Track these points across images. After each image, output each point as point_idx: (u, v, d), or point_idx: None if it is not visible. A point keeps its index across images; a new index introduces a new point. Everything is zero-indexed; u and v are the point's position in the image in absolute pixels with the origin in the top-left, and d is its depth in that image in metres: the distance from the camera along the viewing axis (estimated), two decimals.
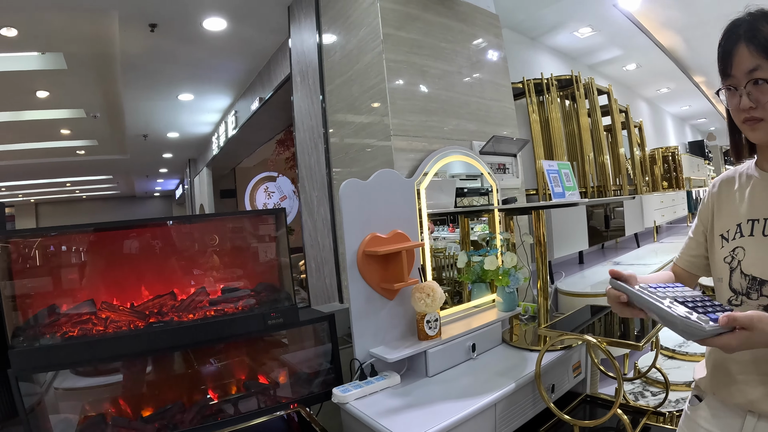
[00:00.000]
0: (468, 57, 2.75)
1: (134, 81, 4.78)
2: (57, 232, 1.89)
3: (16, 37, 3.70)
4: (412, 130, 2.30)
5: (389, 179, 2.04)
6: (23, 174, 9.55)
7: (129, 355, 1.85)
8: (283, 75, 3.77)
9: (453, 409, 1.69)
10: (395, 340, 2.05)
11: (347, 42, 2.53)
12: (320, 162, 2.70)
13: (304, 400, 1.96)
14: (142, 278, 1.98)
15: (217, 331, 1.84)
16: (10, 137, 6.89)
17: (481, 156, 2.56)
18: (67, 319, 1.82)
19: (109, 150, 8.26)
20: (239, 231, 2.08)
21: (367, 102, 2.35)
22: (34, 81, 4.77)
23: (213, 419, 1.86)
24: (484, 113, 2.73)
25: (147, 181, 13.32)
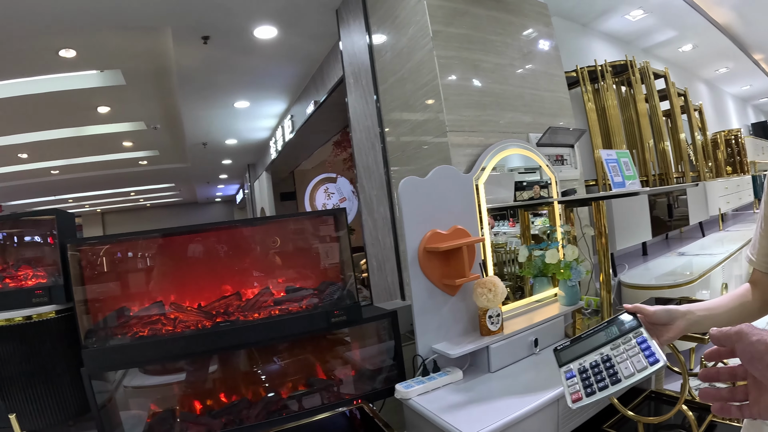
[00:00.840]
0: (519, 48, 2.70)
1: (191, 92, 4.93)
2: (127, 238, 2.00)
3: (74, 57, 3.92)
4: (467, 125, 2.29)
5: (447, 175, 2.04)
6: (89, 185, 10.11)
7: (197, 354, 1.92)
8: (336, 77, 3.80)
9: (515, 405, 1.68)
10: (457, 335, 2.05)
11: (397, 41, 2.54)
12: (378, 161, 2.73)
13: (367, 397, 1.98)
14: (209, 280, 2.06)
15: (282, 330, 1.89)
16: (75, 151, 7.29)
17: (538, 148, 2.52)
18: (137, 320, 1.92)
19: (170, 159, 8.58)
20: (302, 232, 2.13)
21: (421, 99, 2.35)
22: (95, 97, 5.02)
23: (278, 415, 1.91)
24: (539, 104, 2.68)
25: (208, 188, 13.72)
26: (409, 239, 1.92)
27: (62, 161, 7.80)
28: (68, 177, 8.87)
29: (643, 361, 0.83)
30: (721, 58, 6.04)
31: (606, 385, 0.84)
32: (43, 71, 4.24)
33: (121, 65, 4.25)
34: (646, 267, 3.52)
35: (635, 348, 0.86)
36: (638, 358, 0.84)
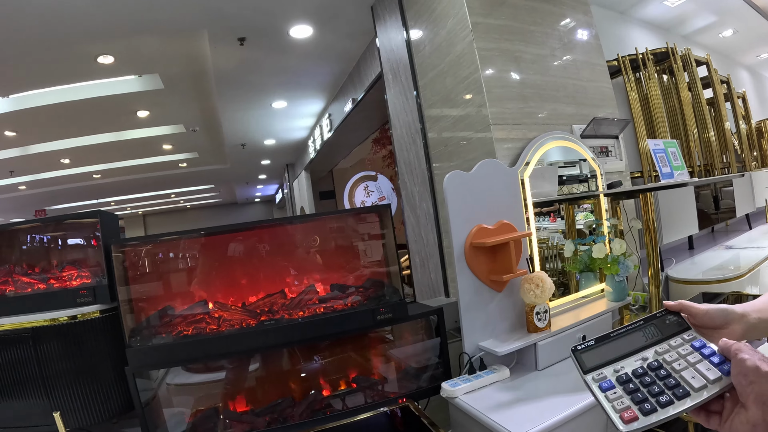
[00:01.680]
0: (559, 38, 2.64)
1: (229, 93, 4.97)
2: (170, 238, 2.02)
3: (112, 63, 4.01)
4: (510, 118, 2.24)
5: (492, 169, 2.00)
6: (130, 188, 10.35)
7: (241, 352, 1.92)
8: (374, 74, 3.79)
9: (564, 404, 1.63)
10: (504, 332, 2.01)
11: (435, 35, 2.50)
12: (419, 157, 2.70)
13: (411, 395, 1.96)
14: (253, 278, 2.06)
15: (327, 328, 1.88)
16: (116, 155, 7.48)
17: (582, 140, 2.45)
18: (181, 319, 1.94)
19: (209, 161, 8.75)
20: (346, 229, 2.12)
21: (463, 93, 2.31)
22: (134, 102, 5.13)
23: (322, 413, 1.90)
24: (582, 95, 2.60)
25: (247, 188, 13.91)
26: (455, 235, 1.89)
27: (104, 165, 8.02)
28: (110, 180, 9.13)
29: (713, 369, 0.65)
30: (762, 43, 5.78)
31: (670, 400, 0.64)
32: (82, 78, 4.35)
33: (159, 69, 4.32)
34: (693, 261, 3.40)
35: (694, 354, 0.68)
36: (705, 365, 0.66)
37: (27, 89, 4.53)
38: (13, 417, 1.88)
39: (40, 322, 1.89)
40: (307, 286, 1.99)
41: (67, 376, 1.88)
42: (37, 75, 4.04)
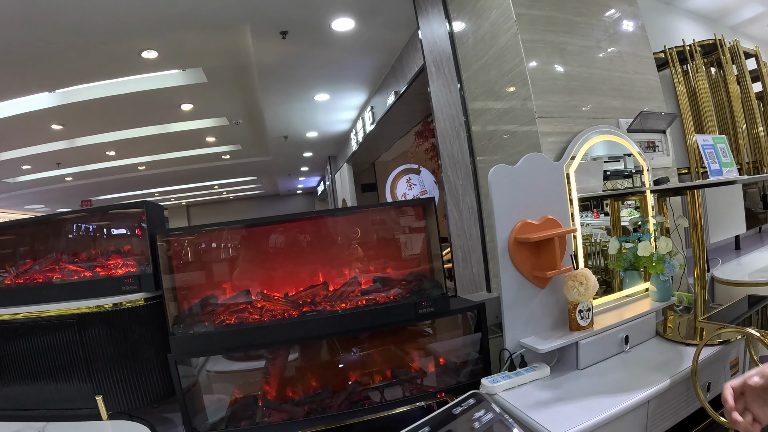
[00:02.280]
0: (605, 29, 2.56)
1: (271, 86, 5.03)
2: (215, 229, 2.05)
3: (156, 58, 4.10)
4: (556, 112, 2.19)
5: (538, 164, 1.96)
6: (174, 180, 10.61)
7: (283, 343, 1.93)
8: (416, 67, 3.76)
9: (604, 405, 1.60)
10: (546, 330, 1.98)
11: (479, 27, 2.46)
12: (463, 150, 2.66)
13: (450, 390, 1.95)
14: (296, 270, 2.07)
15: (369, 321, 1.88)
16: (160, 148, 7.68)
17: (628, 134, 2.38)
18: (224, 308, 1.96)
19: (252, 153, 8.89)
20: (390, 222, 2.11)
21: (507, 86, 2.27)
22: (178, 96, 5.24)
23: (360, 405, 1.90)
24: (628, 88, 2.53)
25: (289, 180, 14.11)
26: (499, 229, 1.86)
27: (148, 157, 8.22)
28: (154, 172, 9.37)
29: None
30: None
31: None
32: (127, 73, 4.47)
33: (202, 63, 4.40)
34: (740, 262, 3.27)
35: None
36: None
37: (73, 84, 4.67)
38: (58, 399, 1.94)
39: (86, 308, 1.94)
40: (349, 278, 1.99)
41: (111, 362, 1.92)
42: (84, 70, 4.17)
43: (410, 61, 4.05)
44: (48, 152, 6.96)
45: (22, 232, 2.35)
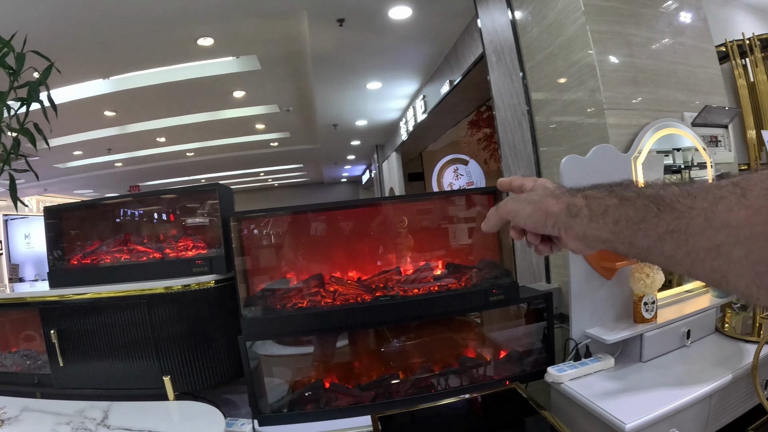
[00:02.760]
0: (668, 21, 2.52)
1: (324, 74, 5.05)
2: (288, 212, 2.07)
3: (212, 45, 4.15)
4: (623, 104, 2.17)
5: (607, 155, 1.96)
6: (221, 166, 10.72)
7: (355, 327, 1.94)
8: (473, 56, 3.75)
9: (670, 397, 1.61)
10: (610, 321, 1.99)
11: (544, 16, 2.44)
12: (525, 140, 2.65)
13: (514, 378, 1.96)
14: (366, 254, 2.10)
15: (440, 307, 1.88)
16: (209, 134, 7.77)
17: (692, 128, 2.35)
18: (296, 292, 1.97)
19: (300, 140, 8.95)
20: (460, 209, 2.12)
21: (575, 76, 2.26)
22: (231, 83, 5.31)
23: (426, 391, 1.92)
24: (692, 81, 2.49)
25: (335, 168, 14.18)
26: None
27: (197, 144, 8.36)
28: (202, 158, 9.49)
29: None
30: None
31: None
32: (182, 60, 4.53)
33: (257, 51, 4.45)
34: None
35: None
36: None
37: (127, 71, 4.76)
38: (123, 378, 1.96)
39: (155, 289, 1.95)
40: (422, 264, 2.01)
41: (179, 342, 1.93)
42: (139, 57, 4.24)
43: (466, 50, 4.03)
44: (100, 138, 7.11)
45: (88, 214, 2.38)
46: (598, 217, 0.57)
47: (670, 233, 0.47)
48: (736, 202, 0.42)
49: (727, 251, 0.42)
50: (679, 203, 0.47)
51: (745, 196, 0.42)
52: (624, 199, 0.54)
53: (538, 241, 0.71)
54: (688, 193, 0.47)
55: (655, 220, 0.49)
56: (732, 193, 0.43)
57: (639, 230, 0.51)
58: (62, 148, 7.20)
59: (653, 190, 0.51)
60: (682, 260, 0.47)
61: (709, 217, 0.44)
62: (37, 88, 2.34)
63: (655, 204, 0.50)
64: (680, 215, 0.47)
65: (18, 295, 2.17)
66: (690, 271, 0.47)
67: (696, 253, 0.45)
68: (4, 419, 1.59)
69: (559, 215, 0.62)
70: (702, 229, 0.44)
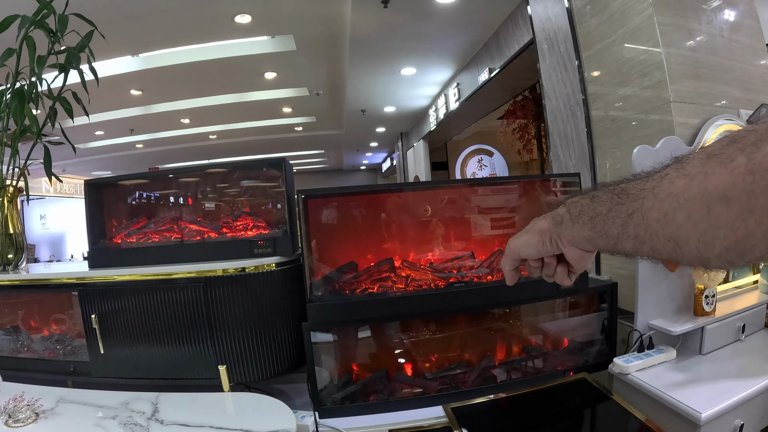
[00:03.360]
0: (725, 18, 2.52)
1: (360, 57, 4.94)
2: (357, 192, 2.03)
3: (249, 23, 4.04)
4: (687, 98, 2.17)
5: (675, 147, 1.95)
6: (242, 150, 10.48)
7: (429, 314, 1.85)
8: (518, 44, 3.70)
9: (733, 389, 1.63)
10: (671, 314, 2.00)
11: (606, 5, 2.43)
12: (579, 130, 2.64)
13: (578, 369, 1.94)
14: (436, 239, 2.03)
15: (514, 294, 1.83)
16: (234, 117, 7.63)
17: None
18: (366, 276, 1.87)
19: (325, 126, 8.85)
20: (533, 195, 2.09)
21: (638, 68, 2.25)
22: (264, 63, 5.19)
23: (492, 382, 1.88)
24: (747, 79, 2.49)
25: (356, 155, 14.02)
26: None
27: (221, 126, 8.20)
28: (224, 141, 9.34)
29: None
30: None
31: None
32: (218, 37, 4.42)
33: (294, 30, 4.35)
34: None
35: None
36: None
37: (158, 48, 4.63)
38: (172, 367, 1.83)
39: (212, 271, 1.79)
40: (496, 250, 1.97)
41: (237, 329, 1.79)
42: (172, 34, 4.15)
43: (509, 37, 3.98)
44: (123, 118, 6.97)
45: (134, 189, 2.23)
46: (577, 218, 0.62)
47: (630, 215, 0.53)
48: (676, 175, 0.48)
49: (672, 217, 0.47)
50: (635, 188, 0.53)
51: (684, 168, 0.47)
52: (594, 198, 0.60)
53: (554, 267, 0.74)
54: (642, 179, 0.53)
55: (618, 207, 0.55)
56: (674, 168, 0.49)
57: (608, 220, 0.56)
58: (84, 128, 6.97)
59: (620, 185, 0.57)
60: (644, 238, 0.52)
61: (656, 192, 0.50)
62: (78, 54, 2.20)
63: (617, 194, 0.56)
64: (635, 198, 0.53)
65: (53, 275, 2.01)
66: (652, 248, 0.52)
67: (651, 228, 0.50)
68: (38, 412, 1.42)
69: (549, 228, 0.68)
70: (652, 204, 0.50)
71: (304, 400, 1.91)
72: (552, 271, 0.75)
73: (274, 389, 2.06)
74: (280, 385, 2.11)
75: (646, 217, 0.51)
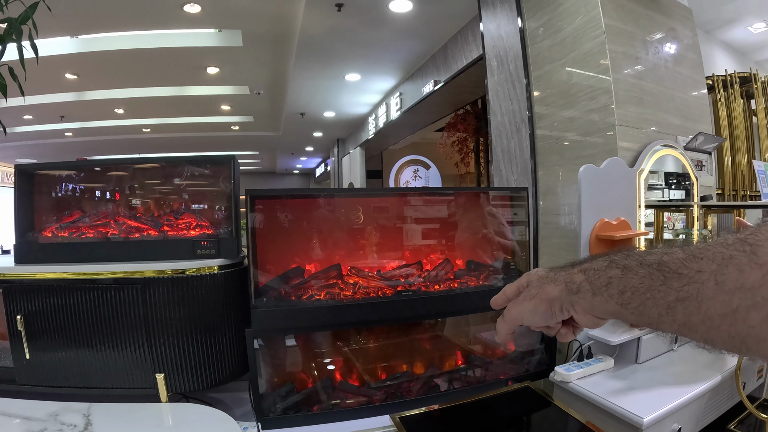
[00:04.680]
0: (670, 51, 2.71)
1: (306, 60, 4.87)
2: (309, 195, 1.97)
3: (198, 13, 3.88)
4: (631, 122, 2.31)
5: (617, 168, 2.08)
6: (175, 146, 10.21)
7: (375, 322, 1.82)
8: (466, 59, 3.77)
9: (670, 395, 1.72)
10: (609, 324, 2.10)
11: (559, 29, 2.55)
12: (522, 147, 2.73)
13: (520, 377, 1.98)
14: (384, 247, 2.03)
15: (461, 304, 1.85)
16: (170, 111, 7.34)
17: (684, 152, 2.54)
18: (313, 282, 1.82)
19: (263, 127, 8.63)
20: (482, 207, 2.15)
21: (586, 91, 2.38)
22: (208, 57, 5.01)
23: (437, 390, 1.88)
24: (686, 108, 2.68)
25: (290, 159, 13.78)
26: (584, 225, 1.97)
27: (156, 120, 7.89)
28: (157, 136, 8.99)
29: None
30: None
31: None
32: (164, 25, 4.23)
33: (243, 26, 4.22)
34: None
35: None
36: None
37: (100, 30, 4.39)
38: (106, 376, 1.70)
39: (149, 272, 1.69)
40: (443, 260, 2.00)
41: (176, 335, 1.69)
42: (118, 16, 3.93)
43: (458, 52, 4.06)
44: (55, 103, 6.58)
45: (70, 178, 2.03)
46: (601, 290, 0.55)
47: (681, 301, 0.45)
48: (747, 262, 0.40)
49: (744, 315, 0.40)
50: (686, 268, 0.45)
51: (756, 254, 0.40)
52: (626, 269, 0.53)
53: (558, 329, 0.69)
54: (693, 256, 0.46)
55: (663, 288, 0.47)
56: (741, 251, 0.41)
57: (647, 300, 0.49)
58: (11, 111, 6.52)
59: (656, 257, 0.50)
60: (697, 327, 0.45)
61: (720, 281, 0.42)
62: (20, 27, 1.98)
63: (659, 272, 0.48)
64: (689, 281, 0.45)
65: None
66: (706, 338, 0.45)
67: (711, 320, 0.43)
68: None
69: (561, 296, 0.61)
70: (714, 294, 0.43)
71: (244, 410, 1.85)
72: (555, 332, 0.69)
73: (213, 399, 1.98)
74: (219, 394, 2.02)
75: (705, 308, 0.43)
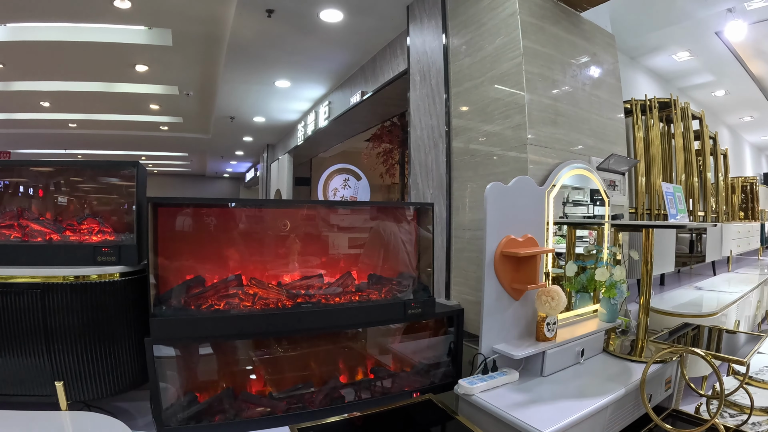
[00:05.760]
0: (589, 75, 2.82)
1: (236, 63, 4.86)
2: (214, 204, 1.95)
3: (128, 9, 3.83)
4: (543, 142, 2.39)
5: (526, 186, 2.15)
6: (102, 143, 9.89)
7: (274, 333, 1.84)
8: (392, 72, 3.83)
9: (575, 407, 1.79)
10: (514, 339, 2.16)
11: (480, 48, 2.62)
12: (438, 161, 2.77)
13: (424, 390, 2.02)
14: (287, 259, 2.04)
15: (362, 317, 1.89)
16: (98, 107, 7.15)
17: (596, 172, 2.64)
18: (213, 292, 1.84)
19: (192, 128, 8.49)
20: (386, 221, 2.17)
21: (502, 110, 2.45)
22: (136, 54, 4.93)
23: (340, 402, 1.91)
24: (601, 130, 2.79)
25: (220, 162, 13.60)
26: (488, 242, 2.01)
27: (82, 115, 7.65)
28: (84, 132, 8.66)
29: None
30: (748, 107, 6.26)
31: None
32: (94, 19, 4.14)
33: (173, 25, 4.19)
34: (662, 297, 3.66)
35: None
36: None
37: (28, 20, 4.27)
38: (7, 383, 1.68)
39: (50, 277, 1.68)
40: (345, 273, 2.02)
41: (76, 342, 1.68)
42: (48, 7, 3.82)
43: (386, 64, 4.12)
44: None
45: None
46: None
47: None
48: None
49: None
50: None
51: None
52: None
53: None
54: None
55: None
56: None
57: None
58: None
59: None
60: None
61: None
62: None
63: None
64: None
65: None
66: None
67: None
68: None
69: None
70: None
71: (147, 420, 1.83)
72: None
73: (116, 408, 1.95)
74: (122, 403, 2.00)
75: None
